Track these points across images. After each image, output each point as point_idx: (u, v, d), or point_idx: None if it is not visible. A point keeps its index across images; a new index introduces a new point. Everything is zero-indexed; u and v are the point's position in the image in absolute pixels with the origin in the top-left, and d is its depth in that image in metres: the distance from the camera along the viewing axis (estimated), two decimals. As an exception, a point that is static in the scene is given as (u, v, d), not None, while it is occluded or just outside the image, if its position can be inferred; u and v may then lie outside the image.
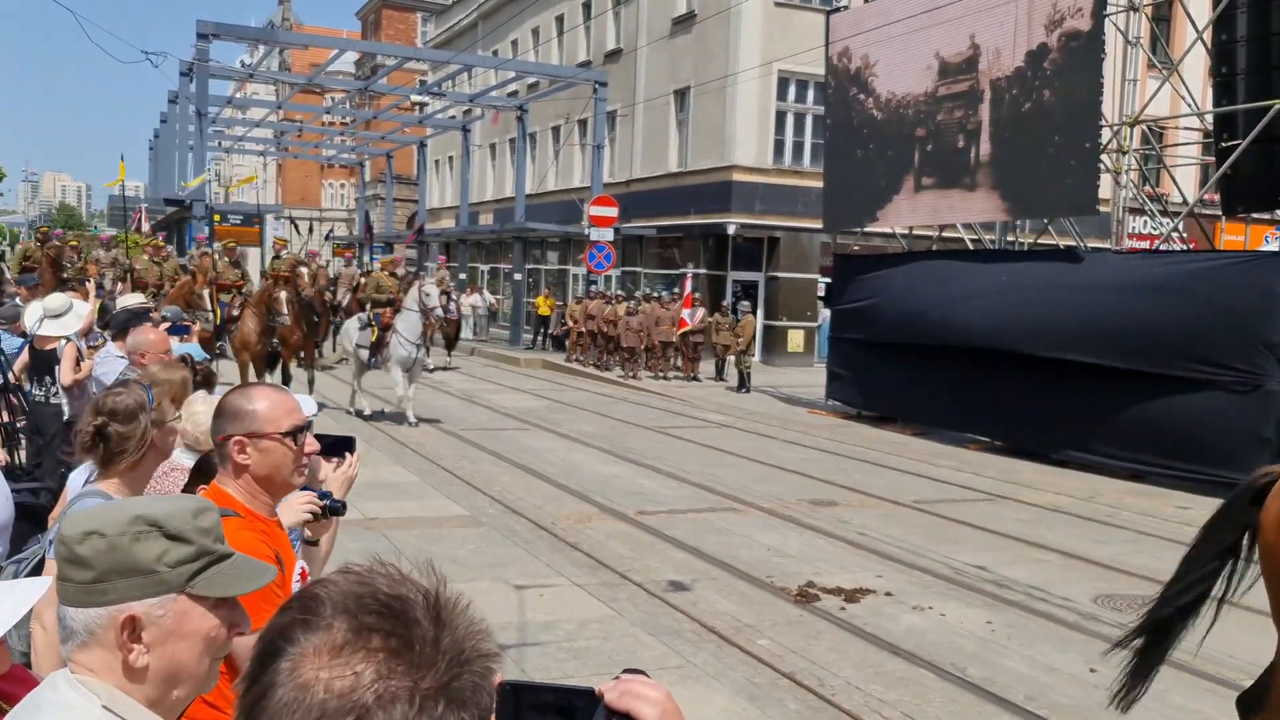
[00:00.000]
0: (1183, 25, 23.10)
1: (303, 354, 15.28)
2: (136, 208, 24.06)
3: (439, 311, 14.69)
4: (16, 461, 7.41)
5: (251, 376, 13.81)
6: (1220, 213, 16.31)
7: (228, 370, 13.94)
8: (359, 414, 14.80)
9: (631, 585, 7.45)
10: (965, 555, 8.55)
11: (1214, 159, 14.37)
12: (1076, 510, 10.62)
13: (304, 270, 14.73)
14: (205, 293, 14.49)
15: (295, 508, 2.70)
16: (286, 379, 15.10)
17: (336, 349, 16.55)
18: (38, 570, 2.86)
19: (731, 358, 21.18)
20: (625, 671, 1.06)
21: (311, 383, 15.06)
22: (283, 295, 13.76)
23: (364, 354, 14.88)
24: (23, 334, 7.56)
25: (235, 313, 14.59)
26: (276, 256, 17.26)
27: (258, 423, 2.51)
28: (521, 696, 1.01)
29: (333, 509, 2.79)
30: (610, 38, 31.41)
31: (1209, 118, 14.63)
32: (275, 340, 14.52)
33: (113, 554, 1.47)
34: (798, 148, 26.31)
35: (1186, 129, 18.44)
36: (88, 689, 1.46)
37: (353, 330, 15.30)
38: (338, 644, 0.90)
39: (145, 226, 20.47)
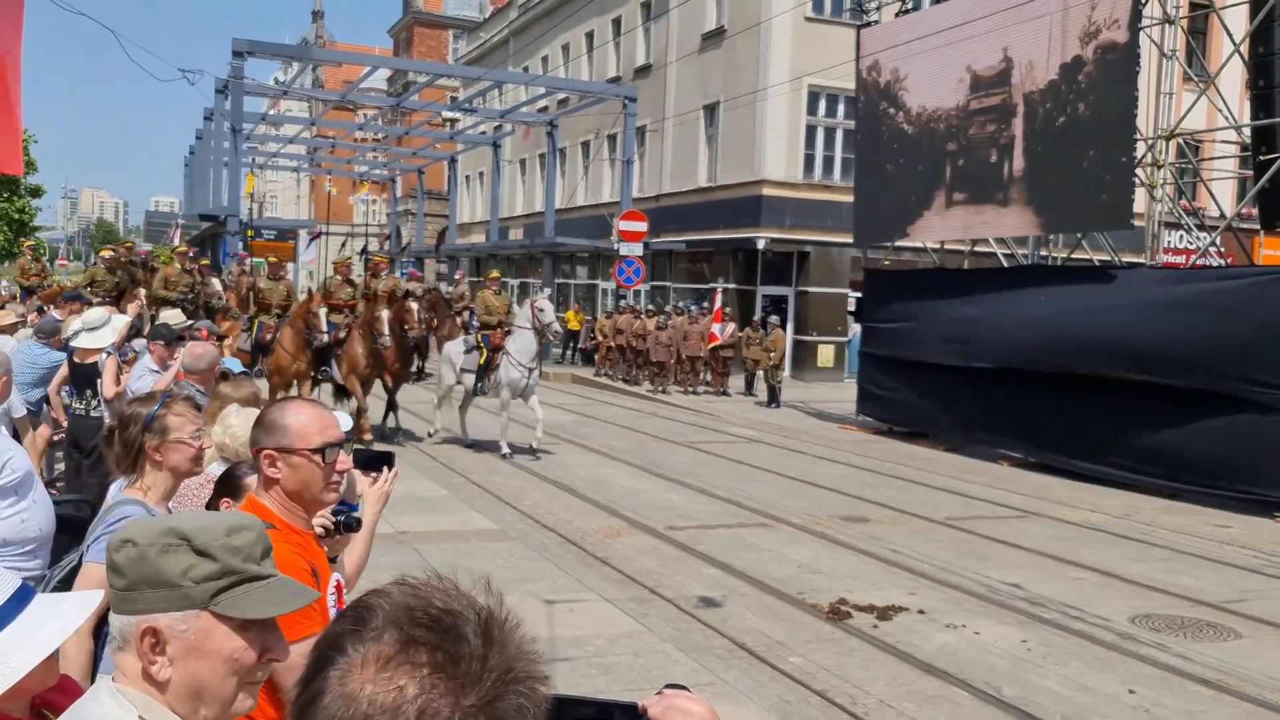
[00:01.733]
0: (1219, 38, 22.88)
1: (393, 379, 14.34)
2: (173, 222, 24.25)
3: (556, 327, 13.73)
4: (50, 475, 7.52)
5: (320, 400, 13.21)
6: (1259, 227, 16.09)
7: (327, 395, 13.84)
8: (470, 446, 13.91)
9: (661, 601, 7.43)
10: (998, 572, 8.46)
11: (1252, 173, 14.20)
12: (1112, 528, 10.48)
13: (414, 306, 13.39)
14: (322, 312, 13.36)
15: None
16: (393, 404, 14.65)
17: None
18: (68, 580, 2.89)
19: (761, 372, 21.13)
20: (668, 686, 1.06)
21: (395, 408, 14.64)
22: (384, 315, 12.94)
23: (469, 379, 13.78)
24: (62, 347, 7.67)
25: (343, 335, 13.57)
26: (375, 275, 15.81)
27: (288, 438, 2.51)
28: (564, 710, 1.01)
29: (346, 525, 2.77)
30: (640, 53, 31.53)
31: (1246, 131, 14.47)
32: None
33: (141, 564, 1.48)
34: (828, 162, 26.26)
35: (1224, 142, 18.25)
36: (126, 699, 1.47)
37: (456, 354, 13.96)
38: (385, 656, 0.91)
39: (176, 238, 20.63)
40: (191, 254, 17.56)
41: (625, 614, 7.10)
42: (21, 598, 1.74)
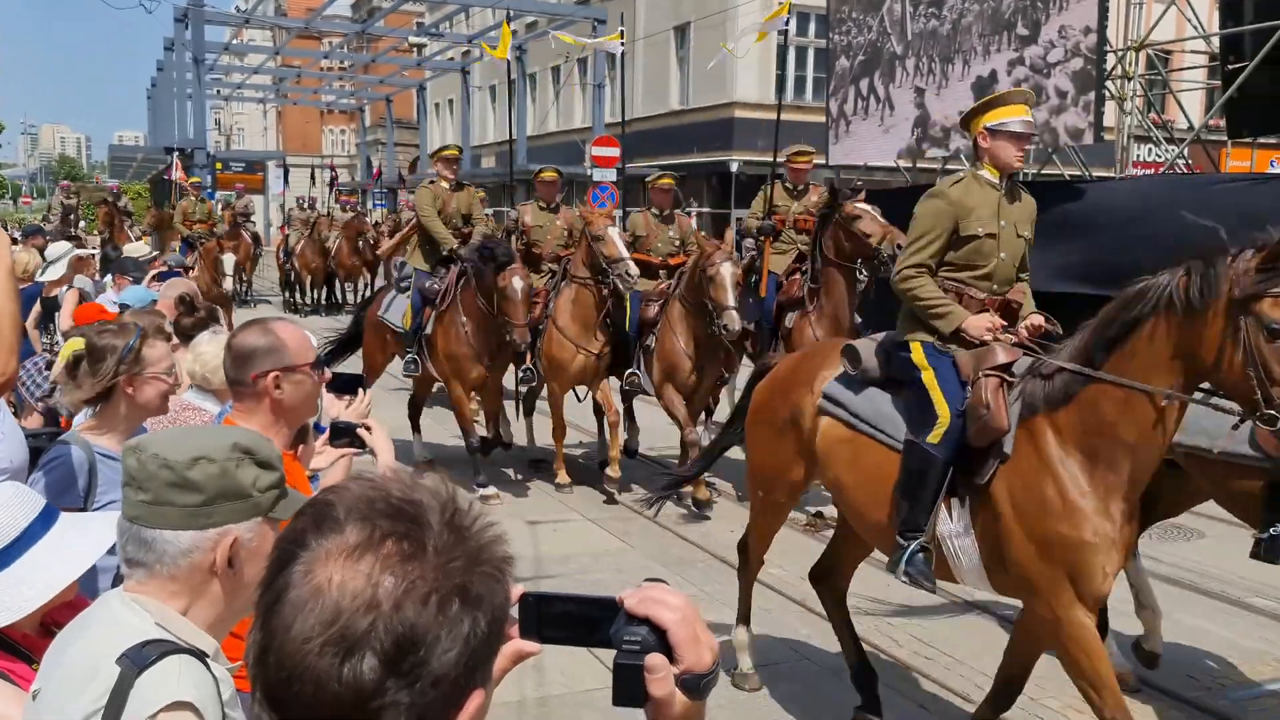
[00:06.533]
0: (1191, -54, 22.64)
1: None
2: (174, 158, 23.15)
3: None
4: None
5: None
6: (1226, 138, 16.15)
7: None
8: None
9: (643, 520, 7.56)
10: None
11: (1220, 83, 14.21)
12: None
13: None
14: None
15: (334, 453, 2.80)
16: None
17: None
18: None
19: (737, 295, 21.15)
20: (646, 580, 1.08)
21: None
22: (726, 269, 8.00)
23: None
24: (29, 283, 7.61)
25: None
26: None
27: (289, 356, 2.56)
28: (544, 607, 1.04)
29: (352, 441, 2.81)
30: (608, -27, 30.91)
31: (1215, 40, 14.44)
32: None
33: (223, 479, 1.55)
34: (799, 82, 26.01)
35: (1193, 52, 18.21)
36: (140, 606, 1.51)
37: None
38: (350, 546, 0.91)
39: (175, 173, 19.62)
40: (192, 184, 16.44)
41: (609, 533, 7.25)
42: (47, 517, 1.83)
